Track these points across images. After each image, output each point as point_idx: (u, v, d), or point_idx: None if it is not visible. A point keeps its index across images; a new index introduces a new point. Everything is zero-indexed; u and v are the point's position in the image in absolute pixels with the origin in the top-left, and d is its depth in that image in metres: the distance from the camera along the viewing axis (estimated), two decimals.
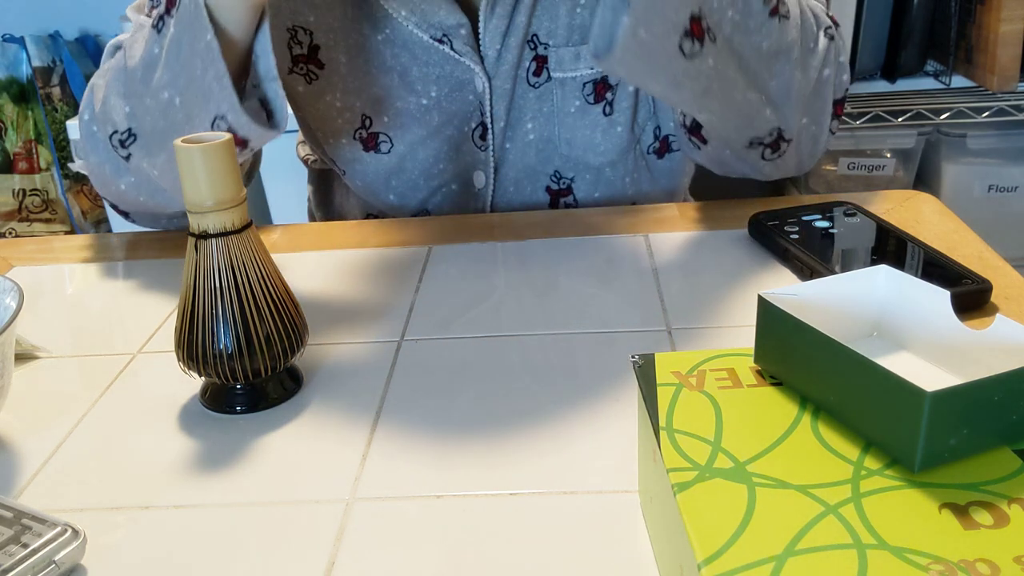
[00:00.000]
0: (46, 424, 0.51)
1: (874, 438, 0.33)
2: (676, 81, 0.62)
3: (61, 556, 0.39)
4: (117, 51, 0.73)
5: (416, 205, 0.84)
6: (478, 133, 0.80)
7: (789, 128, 0.69)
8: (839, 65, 0.71)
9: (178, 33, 0.62)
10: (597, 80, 0.78)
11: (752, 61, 0.65)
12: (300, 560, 0.40)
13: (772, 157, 0.71)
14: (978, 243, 0.65)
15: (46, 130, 1.99)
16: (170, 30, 0.63)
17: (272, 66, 0.63)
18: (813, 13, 0.70)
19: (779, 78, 0.66)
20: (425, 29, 0.75)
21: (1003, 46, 1.43)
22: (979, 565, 0.28)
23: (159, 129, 0.66)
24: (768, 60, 0.65)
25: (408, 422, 0.49)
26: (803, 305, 0.38)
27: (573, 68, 0.77)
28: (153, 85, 0.65)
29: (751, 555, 0.29)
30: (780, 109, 0.68)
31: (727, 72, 0.64)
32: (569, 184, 0.83)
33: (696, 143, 0.71)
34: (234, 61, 0.62)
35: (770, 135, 0.69)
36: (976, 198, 1.64)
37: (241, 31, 0.62)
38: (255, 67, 0.64)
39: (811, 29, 0.68)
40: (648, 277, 0.63)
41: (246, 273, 0.48)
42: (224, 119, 0.62)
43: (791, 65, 0.67)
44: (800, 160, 0.73)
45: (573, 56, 0.77)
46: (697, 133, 0.70)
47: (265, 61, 0.63)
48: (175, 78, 0.64)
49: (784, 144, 0.70)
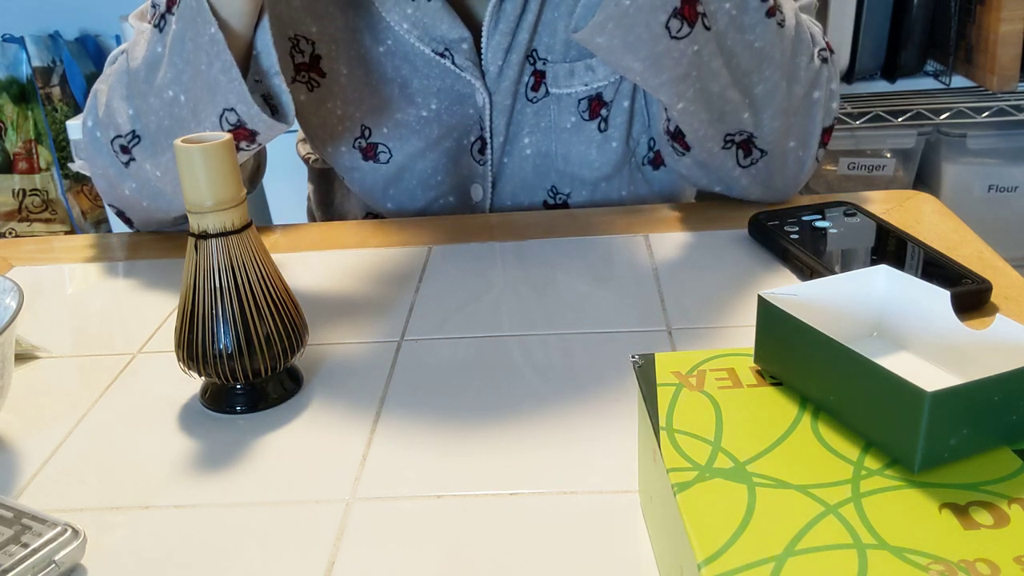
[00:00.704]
0: (46, 424, 0.51)
1: (874, 438, 0.33)
2: (656, 60, 0.62)
3: (61, 556, 0.39)
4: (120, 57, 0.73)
5: (413, 215, 0.83)
6: (477, 147, 0.80)
7: (764, 136, 0.69)
8: (830, 92, 0.71)
9: (180, 29, 0.62)
10: (592, 97, 0.78)
11: (743, 59, 0.65)
12: (300, 560, 0.40)
13: (746, 163, 0.70)
14: (978, 243, 0.65)
15: (46, 130, 1.99)
16: (172, 27, 0.63)
17: (274, 61, 0.62)
18: (810, 32, 0.70)
19: (766, 83, 0.67)
20: (427, 43, 0.75)
21: (1003, 46, 1.43)
22: (979, 565, 0.28)
23: (164, 128, 0.66)
24: (758, 61, 0.65)
25: (408, 422, 0.49)
26: (803, 305, 0.38)
27: (568, 84, 0.77)
28: (157, 84, 0.65)
29: (751, 555, 0.29)
30: (760, 114, 0.68)
31: (711, 63, 0.64)
32: (565, 199, 0.83)
33: (679, 149, 0.71)
34: (235, 57, 0.62)
35: (740, 134, 0.68)
36: (976, 198, 1.64)
37: (242, 25, 0.61)
38: (257, 63, 0.64)
39: (806, 44, 0.68)
40: (648, 277, 0.63)
41: (246, 273, 0.48)
42: (233, 111, 0.61)
43: (779, 73, 0.67)
44: (785, 183, 0.73)
45: (568, 72, 0.77)
46: (680, 139, 0.70)
47: (267, 56, 0.63)
48: (179, 74, 0.63)
49: (757, 152, 0.70)
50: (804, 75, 0.68)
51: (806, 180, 0.74)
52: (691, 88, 0.65)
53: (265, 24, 0.62)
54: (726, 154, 0.70)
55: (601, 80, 0.77)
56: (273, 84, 0.63)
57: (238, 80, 0.60)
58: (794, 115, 0.69)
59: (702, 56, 0.63)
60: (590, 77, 0.77)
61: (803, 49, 0.68)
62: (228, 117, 0.62)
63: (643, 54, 0.61)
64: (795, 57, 0.67)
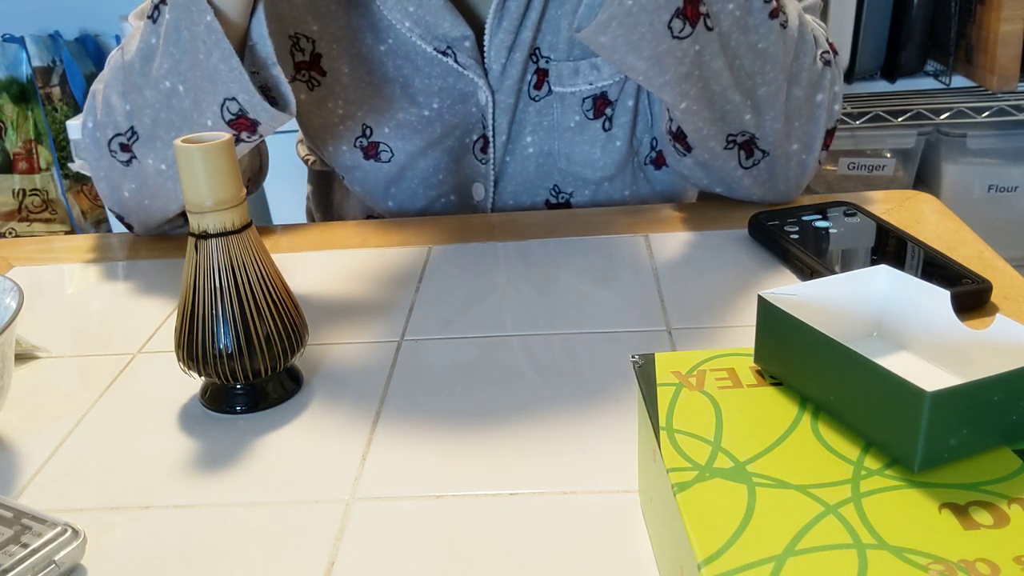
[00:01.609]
0: (46, 424, 0.51)
1: (874, 438, 0.33)
2: (659, 59, 0.62)
3: (61, 556, 0.39)
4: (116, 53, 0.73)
5: (414, 214, 0.83)
6: (479, 146, 0.80)
7: (766, 137, 0.69)
8: (833, 94, 0.71)
9: (175, 19, 0.61)
10: (597, 96, 0.78)
11: (745, 60, 0.65)
12: (300, 560, 0.40)
13: (748, 164, 0.71)
14: (978, 243, 0.65)
15: (46, 130, 1.99)
16: (165, 18, 0.62)
17: (271, 51, 0.62)
18: (814, 34, 0.70)
19: (768, 85, 0.67)
20: (429, 41, 0.74)
21: (1003, 46, 1.43)
22: (979, 565, 0.28)
23: (162, 121, 0.65)
24: (761, 62, 0.65)
25: (408, 422, 0.49)
26: (803, 305, 0.38)
27: (572, 83, 0.77)
28: (153, 75, 0.64)
29: (751, 555, 0.29)
30: (762, 115, 0.68)
31: (713, 64, 0.64)
32: (568, 198, 0.82)
33: (680, 150, 0.71)
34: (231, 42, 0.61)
35: (742, 135, 0.69)
36: (976, 198, 1.64)
37: (237, 13, 0.60)
38: (254, 53, 0.63)
39: (809, 45, 0.69)
40: (648, 277, 0.63)
41: (246, 273, 0.48)
42: (235, 100, 0.61)
43: (782, 75, 0.67)
44: (787, 185, 0.73)
45: (572, 71, 0.77)
46: (682, 140, 0.70)
47: (263, 47, 0.62)
48: (176, 64, 0.63)
49: (759, 153, 0.70)
50: (807, 77, 0.69)
51: (808, 182, 0.74)
52: (694, 88, 0.65)
53: (260, 14, 0.61)
54: (728, 154, 0.70)
55: (606, 79, 0.77)
56: (272, 74, 0.62)
57: (238, 69, 0.59)
58: (797, 118, 0.70)
59: (704, 56, 0.63)
60: (595, 76, 0.77)
61: (806, 51, 0.68)
62: (229, 107, 0.61)
63: (646, 53, 0.62)
64: (798, 59, 0.67)
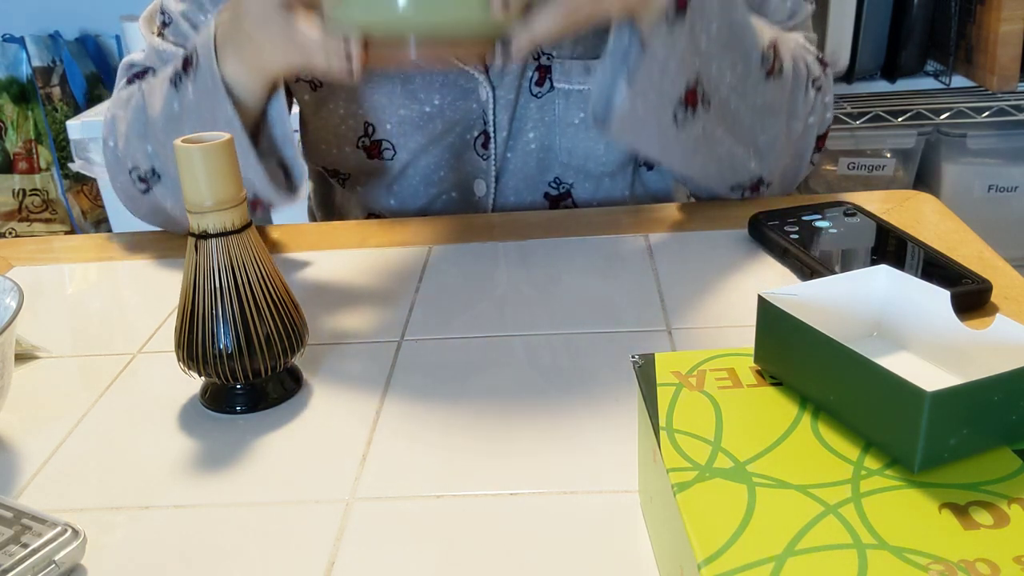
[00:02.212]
0: (46, 424, 0.51)
1: (874, 438, 0.33)
2: (666, 147, 0.67)
3: (61, 556, 0.39)
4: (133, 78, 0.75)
5: (415, 212, 0.84)
6: (480, 142, 0.80)
7: (771, 173, 0.73)
8: (824, 105, 0.74)
9: (197, 101, 0.65)
10: None
11: (745, 118, 0.69)
12: (300, 560, 0.40)
13: (751, 196, 0.75)
14: (978, 243, 0.65)
15: (46, 130, 1.99)
16: (189, 95, 0.66)
17: (288, 130, 0.66)
18: (805, 62, 0.71)
19: (768, 132, 0.70)
20: None
21: (1003, 46, 1.43)
22: (979, 565, 0.28)
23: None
24: (761, 116, 0.69)
25: (408, 422, 0.49)
26: (803, 305, 0.38)
27: (581, 81, 0.77)
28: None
29: (751, 555, 0.29)
30: (765, 159, 0.71)
31: (715, 133, 0.68)
32: (568, 189, 0.83)
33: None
34: (248, 124, 0.65)
35: (751, 180, 0.73)
36: (976, 198, 1.64)
37: (254, 100, 0.65)
38: (270, 131, 0.67)
39: (803, 79, 0.71)
40: (648, 277, 0.63)
41: (246, 273, 0.48)
42: (251, 184, 0.66)
43: (781, 120, 0.70)
44: (783, 190, 0.76)
45: (582, 70, 0.77)
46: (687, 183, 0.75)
47: (281, 127, 0.66)
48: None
49: (763, 187, 0.74)
50: (802, 108, 0.72)
51: (801, 181, 0.76)
52: (700, 158, 0.69)
53: (280, 97, 0.65)
54: (732, 193, 0.74)
55: None
56: (287, 155, 0.67)
57: (254, 163, 0.64)
58: (794, 145, 0.73)
59: (706, 132, 0.67)
60: None
61: (800, 85, 0.71)
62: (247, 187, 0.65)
63: (655, 144, 0.67)
64: (793, 97, 0.71)
